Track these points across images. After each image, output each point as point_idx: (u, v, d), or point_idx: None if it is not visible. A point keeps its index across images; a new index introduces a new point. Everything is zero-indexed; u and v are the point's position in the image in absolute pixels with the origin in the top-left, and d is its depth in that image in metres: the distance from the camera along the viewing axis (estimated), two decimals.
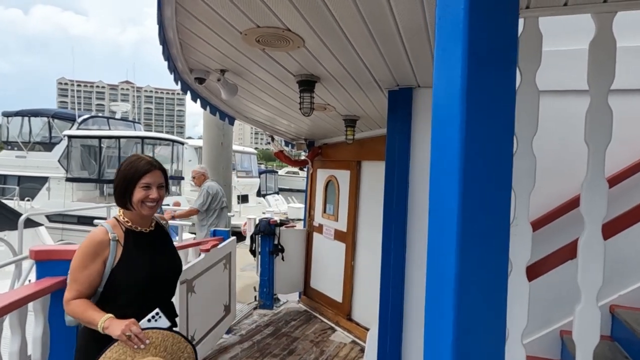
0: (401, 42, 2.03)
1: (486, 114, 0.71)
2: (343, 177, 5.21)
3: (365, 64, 2.42)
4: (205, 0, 1.69)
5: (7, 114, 15.12)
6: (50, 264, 1.85)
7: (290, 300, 6.00)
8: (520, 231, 1.41)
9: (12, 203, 11.20)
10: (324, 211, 5.62)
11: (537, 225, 2.59)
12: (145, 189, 1.75)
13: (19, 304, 1.59)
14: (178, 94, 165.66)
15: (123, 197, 1.76)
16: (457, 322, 0.73)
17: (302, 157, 6.12)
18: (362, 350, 4.31)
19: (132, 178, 1.75)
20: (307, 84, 2.73)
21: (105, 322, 1.56)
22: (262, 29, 1.96)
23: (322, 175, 5.76)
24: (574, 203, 2.57)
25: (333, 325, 5.03)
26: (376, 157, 4.48)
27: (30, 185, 13.22)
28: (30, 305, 1.74)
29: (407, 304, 2.99)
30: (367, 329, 4.52)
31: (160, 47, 2.24)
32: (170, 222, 5.20)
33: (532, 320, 1.51)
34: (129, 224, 1.79)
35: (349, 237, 5.02)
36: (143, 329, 1.58)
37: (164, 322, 1.64)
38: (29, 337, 1.75)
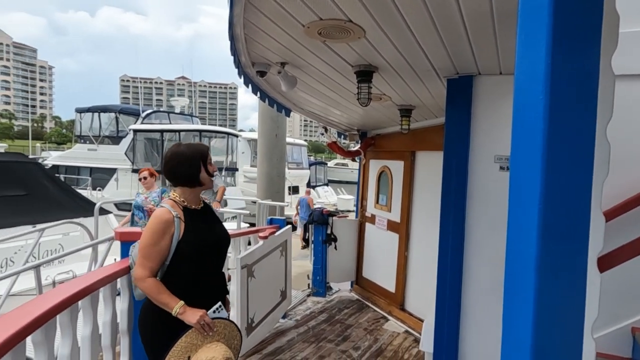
0: (464, 29, 2.01)
1: (569, 99, 0.72)
2: (396, 167, 5.19)
3: (425, 52, 2.41)
4: None
5: (79, 110, 16.41)
6: (132, 244, 2.03)
7: (342, 289, 6.10)
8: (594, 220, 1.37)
9: (86, 192, 12.15)
10: (377, 202, 5.63)
11: (608, 216, 2.47)
12: (210, 165, 2.06)
13: (110, 279, 1.78)
14: (231, 88, 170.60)
15: (192, 177, 1.99)
16: (537, 314, 0.75)
17: (355, 148, 6.15)
18: (416, 340, 4.31)
19: (202, 157, 2.02)
20: (365, 75, 2.76)
21: (180, 308, 1.77)
22: (324, 22, 2.02)
23: (374, 165, 5.76)
24: None
25: (386, 314, 5.06)
26: (432, 147, 4.43)
27: (101, 176, 14.29)
28: (118, 281, 1.94)
29: (465, 296, 2.97)
30: (421, 320, 4.52)
31: (229, 43, 2.36)
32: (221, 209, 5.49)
33: (600, 314, 1.47)
34: (185, 203, 2.00)
35: (402, 228, 5.01)
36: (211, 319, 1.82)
37: (224, 313, 1.90)
38: (118, 309, 1.95)
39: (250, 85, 3.28)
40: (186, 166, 1.98)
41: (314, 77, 3.15)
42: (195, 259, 1.92)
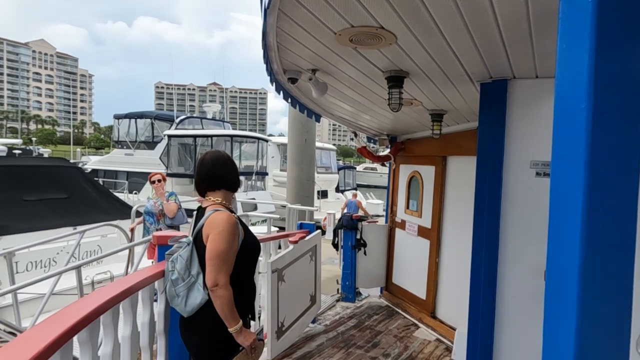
0: (499, 33, 1.97)
1: (614, 104, 0.70)
2: (427, 172, 5.12)
3: (458, 57, 2.38)
4: (305, 5, 1.80)
5: (117, 117, 17.10)
6: (167, 250, 2.09)
7: (371, 294, 6.06)
8: None
9: (122, 196, 12.62)
10: (407, 207, 5.57)
11: None
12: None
13: (148, 281, 1.84)
14: (260, 93, 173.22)
15: (235, 182, 2.11)
16: (579, 327, 0.73)
17: (384, 153, 6.12)
18: (448, 348, 4.23)
19: (236, 169, 2.15)
20: (396, 80, 2.75)
21: (239, 327, 1.85)
22: (356, 29, 2.03)
23: (405, 170, 5.71)
24: None
25: (416, 321, 4.98)
26: (464, 152, 4.35)
27: (137, 180, 14.80)
28: (155, 283, 2.01)
29: (500, 305, 2.89)
30: (453, 328, 4.43)
31: (260, 51, 2.40)
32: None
33: None
34: (229, 207, 2.08)
35: (433, 234, 4.93)
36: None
37: (261, 335, 2.08)
38: (155, 310, 2.01)
39: (281, 92, 3.33)
40: (231, 170, 2.09)
41: (344, 83, 3.16)
42: (249, 261, 2.02)
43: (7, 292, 3.96)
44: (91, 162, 19.53)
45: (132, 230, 5.82)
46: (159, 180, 5.47)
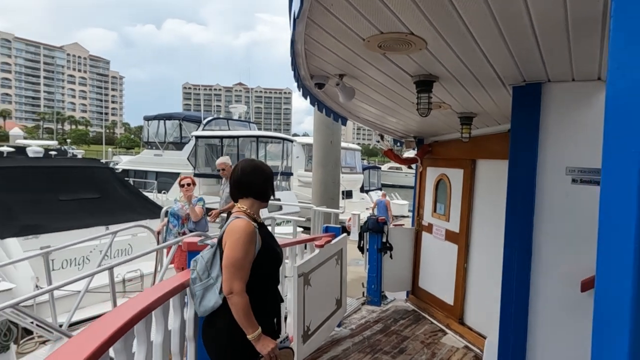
0: (534, 36, 1.90)
1: None
2: (455, 175, 5.02)
3: (490, 61, 2.31)
4: (334, 13, 1.79)
5: (147, 118, 17.56)
6: (197, 254, 2.12)
7: (397, 298, 5.99)
8: None
9: (152, 195, 12.93)
10: (434, 210, 5.48)
11: None
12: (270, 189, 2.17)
13: (179, 289, 1.87)
14: (285, 92, 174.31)
15: (267, 193, 2.12)
16: (632, 347, 0.69)
17: (407, 154, 6.04)
18: (477, 356, 4.13)
19: (268, 181, 2.14)
20: (425, 85, 2.70)
21: (258, 335, 1.84)
22: (385, 35, 2.00)
23: (432, 173, 5.62)
24: None
25: (444, 327, 4.90)
26: (494, 155, 4.24)
27: (166, 180, 15.15)
28: (187, 290, 2.04)
29: (533, 315, 2.80)
30: (482, 335, 4.33)
31: (286, 54, 2.40)
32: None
33: None
34: (254, 216, 2.08)
35: (461, 238, 4.83)
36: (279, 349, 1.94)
37: (288, 343, 2.05)
38: (185, 316, 2.05)
39: (308, 97, 3.33)
40: (264, 181, 2.11)
41: (372, 87, 3.13)
42: (268, 271, 2.02)
43: (46, 292, 4.12)
44: (122, 162, 20.13)
45: (158, 232, 5.89)
46: (189, 184, 5.51)
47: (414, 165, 6.00)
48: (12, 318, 4.25)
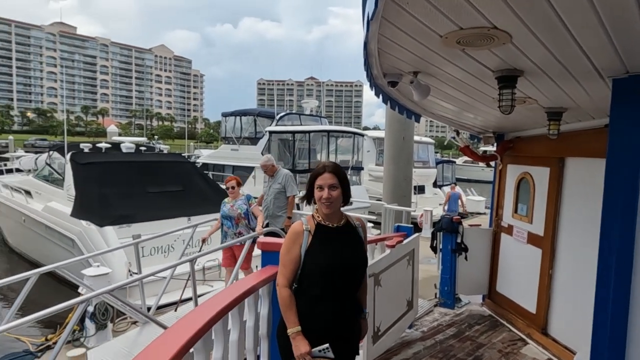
0: None
1: None
2: (540, 174, 4.64)
3: (586, 52, 2.08)
4: (410, 11, 1.71)
5: (224, 114, 18.50)
6: (272, 254, 2.18)
7: (472, 302, 5.71)
8: None
9: None
10: (515, 211, 5.12)
11: None
12: (318, 190, 2.04)
13: (254, 289, 1.94)
14: (356, 85, 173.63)
15: (309, 197, 2.11)
16: None
17: (482, 150, 5.69)
18: None
19: (310, 181, 2.09)
20: (508, 80, 2.51)
21: (293, 334, 1.89)
22: (465, 31, 1.88)
23: (513, 171, 5.25)
24: None
25: (524, 336, 4.58)
26: (587, 153, 3.85)
27: (242, 174, 15.84)
28: (260, 290, 2.10)
29: (634, 332, 2.50)
30: (569, 349, 3.98)
31: (362, 60, 2.37)
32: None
33: None
34: (319, 219, 2.08)
35: (546, 242, 4.46)
36: (314, 357, 1.88)
37: (330, 354, 1.92)
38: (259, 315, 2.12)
39: (381, 95, 3.26)
40: (307, 189, 2.11)
41: (448, 84, 2.98)
42: (317, 274, 1.98)
43: (139, 279, 4.55)
44: (202, 156, 21.41)
45: (203, 240, 5.91)
46: (233, 187, 5.54)
47: (492, 163, 5.65)
48: (109, 301, 4.72)
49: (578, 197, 4.09)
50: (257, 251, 4.00)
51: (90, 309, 5.04)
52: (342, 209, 2.21)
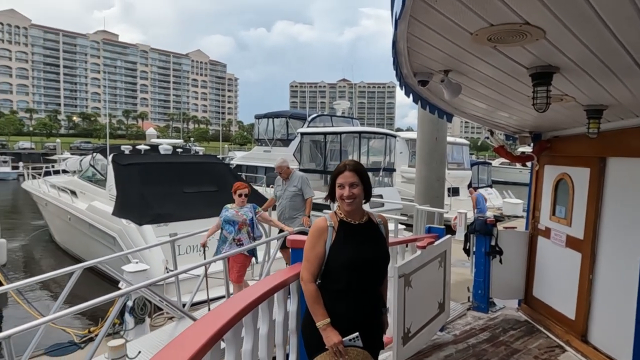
0: None
1: None
2: (580, 175, 4.46)
3: (626, 47, 2.00)
4: (439, 9, 1.71)
5: (257, 117, 18.84)
6: (301, 252, 2.22)
7: (507, 306, 5.55)
8: None
9: (261, 189, 13.83)
10: (553, 213, 4.94)
11: None
12: (339, 188, 2.10)
13: (283, 285, 1.99)
14: (388, 87, 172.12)
15: (331, 195, 2.15)
16: None
17: (522, 149, 5.52)
18: None
19: (332, 180, 2.14)
20: (543, 77, 2.44)
21: (323, 326, 1.93)
22: (495, 27, 1.85)
23: (550, 172, 5.07)
24: None
25: (562, 343, 4.41)
26: (631, 152, 3.68)
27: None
28: (290, 286, 2.15)
29: None
30: (610, 357, 3.80)
31: (388, 52, 2.38)
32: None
33: None
34: (342, 216, 2.13)
35: (586, 246, 4.28)
36: (345, 346, 1.92)
37: (359, 343, 1.97)
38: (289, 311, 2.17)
39: (411, 95, 3.24)
40: (330, 182, 2.17)
41: (480, 82, 2.93)
42: (340, 269, 2.03)
43: (174, 275, 4.72)
44: (236, 158, 21.86)
45: (203, 245, 5.72)
46: (246, 195, 5.52)
47: (528, 164, 5.48)
48: (147, 296, 4.91)
49: (621, 199, 3.91)
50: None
51: (130, 303, 5.26)
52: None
